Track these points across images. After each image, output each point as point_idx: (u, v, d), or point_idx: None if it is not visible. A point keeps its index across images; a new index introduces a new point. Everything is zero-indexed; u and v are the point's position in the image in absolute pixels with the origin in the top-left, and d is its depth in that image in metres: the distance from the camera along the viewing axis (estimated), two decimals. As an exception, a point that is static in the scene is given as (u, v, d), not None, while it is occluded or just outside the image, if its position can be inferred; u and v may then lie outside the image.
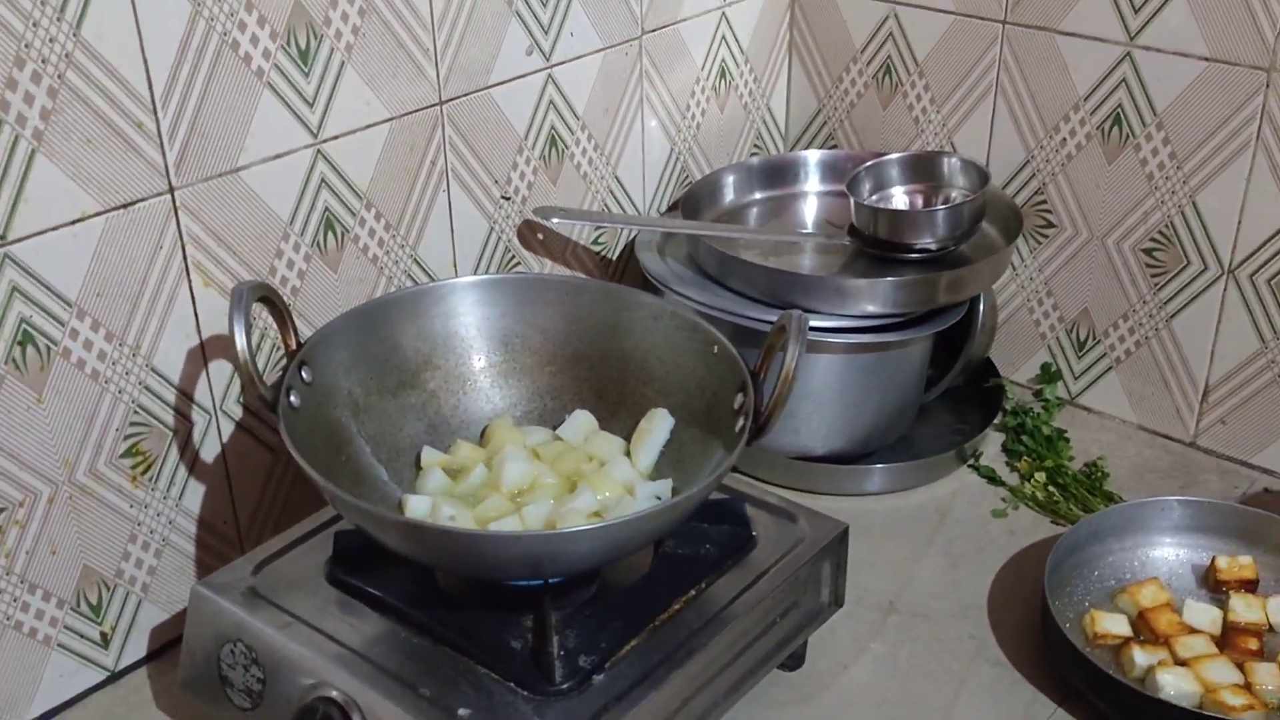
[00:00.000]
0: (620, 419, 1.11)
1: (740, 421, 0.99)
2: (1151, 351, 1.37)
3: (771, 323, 1.02)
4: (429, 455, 1.08)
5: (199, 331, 1.06)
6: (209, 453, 1.11)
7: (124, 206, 0.98)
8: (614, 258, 1.43)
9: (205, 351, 1.07)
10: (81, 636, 1.06)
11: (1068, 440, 1.37)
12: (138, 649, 1.11)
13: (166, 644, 1.12)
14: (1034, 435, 1.37)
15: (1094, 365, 1.42)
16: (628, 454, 1.08)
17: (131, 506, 1.06)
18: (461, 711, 0.88)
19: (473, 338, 1.12)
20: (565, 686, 0.90)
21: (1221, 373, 1.33)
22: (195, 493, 1.11)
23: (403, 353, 1.09)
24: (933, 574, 1.21)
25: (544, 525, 1.00)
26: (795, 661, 1.09)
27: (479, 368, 1.12)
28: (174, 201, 1.01)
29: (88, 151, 0.95)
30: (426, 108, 1.17)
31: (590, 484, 1.02)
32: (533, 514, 1.00)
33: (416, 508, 1.01)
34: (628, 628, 0.95)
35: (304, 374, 1.01)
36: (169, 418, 1.06)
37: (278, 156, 1.07)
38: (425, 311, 1.10)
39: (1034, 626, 1.13)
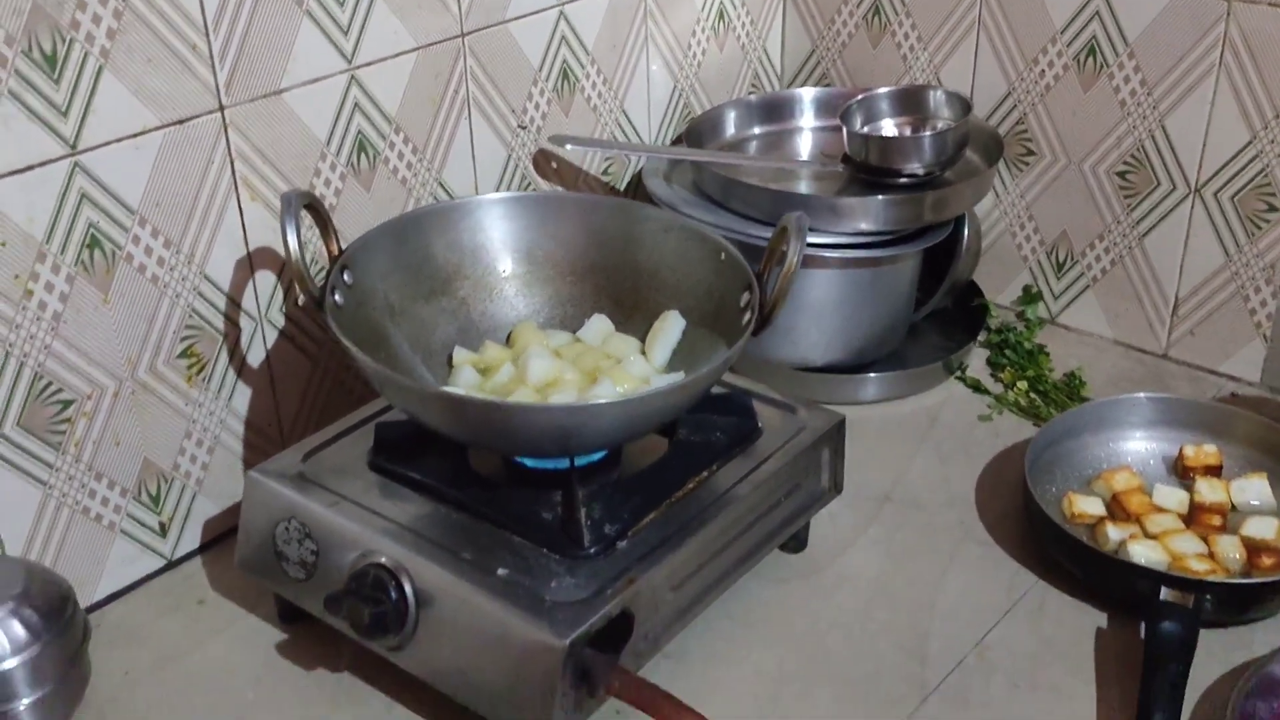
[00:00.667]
0: (635, 323, 1.19)
1: (747, 316, 1.09)
2: (1125, 269, 1.46)
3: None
4: (460, 354, 1.16)
5: (246, 243, 1.15)
6: (255, 358, 1.19)
7: (180, 123, 1.07)
8: (621, 188, 1.52)
9: (252, 262, 1.16)
10: (142, 525, 1.15)
11: (1048, 354, 1.46)
12: (192, 540, 1.20)
13: (217, 537, 1.21)
14: (1016, 349, 1.46)
15: (1072, 285, 1.51)
16: (643, 354, 1.17)
17: (187, 405, 1.15)
18: (500, 571, 0.97)
19: (498, 250, 1.21)
20: (592, 550, 0.99)
21: (1190, 286, 1.42)
22: (243, 395, 1.19)
23: (435, 262, 1.18)
24: (924, 470, 1.31)
25: (569, 411, 1.08)
26: (798, 544, 1.19)
27: (505, 277, 1.21)
28: (224, 120, 1.10)
29: (148, 70, 1.03)
30: (449, 39, 1.26)
31: (610, 376, 1.11)
32: (558, 401, 1.08)
33: (452, 397, 1.09)
34: (647, 503, 1.04)
35: (345, 276, 1.09)
36: (219, 323, 1.15)
37: (316, 80, 1.16)
38: (455, 225, 1.19)
39: (1017, 513, 1.22)
